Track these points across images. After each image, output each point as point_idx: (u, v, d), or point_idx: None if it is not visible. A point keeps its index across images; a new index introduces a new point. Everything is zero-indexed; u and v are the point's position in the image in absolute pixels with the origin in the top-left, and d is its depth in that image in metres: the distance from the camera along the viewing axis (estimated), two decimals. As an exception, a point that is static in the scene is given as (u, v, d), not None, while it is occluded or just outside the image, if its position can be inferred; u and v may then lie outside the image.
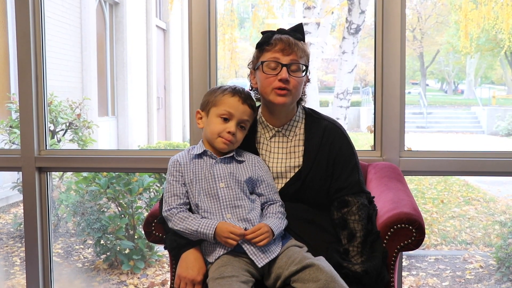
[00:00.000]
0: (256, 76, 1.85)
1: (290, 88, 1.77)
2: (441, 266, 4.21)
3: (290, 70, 1.77)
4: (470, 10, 5.91)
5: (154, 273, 3.91)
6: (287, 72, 1.76)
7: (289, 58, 1.77)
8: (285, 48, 1.77)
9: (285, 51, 1.77)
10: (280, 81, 1.76)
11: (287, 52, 1.77)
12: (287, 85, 1.76)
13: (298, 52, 1.78)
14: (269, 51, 1.79)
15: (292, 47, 1.77)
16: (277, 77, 1.76)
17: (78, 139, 4.61)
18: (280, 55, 1.77)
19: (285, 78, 1.75)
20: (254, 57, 1.86)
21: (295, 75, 1.78)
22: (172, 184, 1.77)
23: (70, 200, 4.08)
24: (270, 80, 1.77)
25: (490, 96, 11.71)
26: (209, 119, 1.80)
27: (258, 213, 1.75)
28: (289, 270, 1.62)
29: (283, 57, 1.77)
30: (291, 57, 1.77)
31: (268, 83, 1.78)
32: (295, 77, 1.78)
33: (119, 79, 8.32)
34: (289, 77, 1.76)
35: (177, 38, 10.61)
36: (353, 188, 1.81)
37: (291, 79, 1.77)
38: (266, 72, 1.78)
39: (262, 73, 1.79)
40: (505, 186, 6.35)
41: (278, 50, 1.77)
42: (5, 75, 6.02)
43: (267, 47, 1.79)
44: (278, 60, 1.77)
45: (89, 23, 7.39)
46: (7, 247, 4.55)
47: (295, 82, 1.78)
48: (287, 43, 1.77)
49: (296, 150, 1.87)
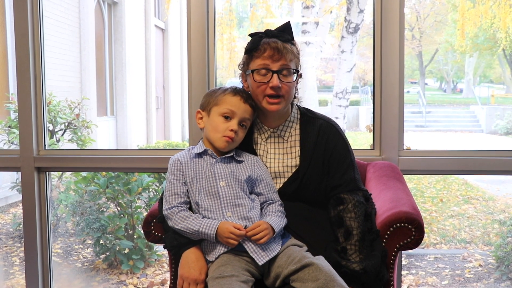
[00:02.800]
0: (248, 81, 1.84)
1: (283, 94, 1.77)
2: (441, 265, 4.22)
3: (281, 75, 1.76)
4: (467, 9, 5.91)
5: (153, 272, 3.91)
6: (278, 78, 1.75)
7: (279, 64, 1.76)
8: (274, 54, 1.75)
9: (274, 57, 1.75)
10: (271, 89, 1.75)
11: (276, 58, 1.75)
12: (279, 92, 1.76)
13: (287, 56, 1.76)
14: (258, 57, 1.77)
15: (281, 52, 1.75)
16: (268, 84, 1.75)
17: (77, 139, 4.61)
18: (270, 62, 1.76)
19: (276, 85, 1.75)
20: (244, 61, 1.85)
21: (286, 80, 1.77)
22: (172, 183, 1.77)
23: (69, 200, 4.08)
24: (261, 88, 1.77)
25: (489, 95, 11.73)
26: (211, 118, 1.80)
27: (258, 212, 1.75)
28: (288, 269, 1.62)
29: (272, 63, 1.76)
30: (280, 62, 1.76)
31: (260, 91, 1.78)
32: (286, 82, 1.77)
33: (118, 79, 8.31)
34: (280, 83, 1.75)
35: (176, 37, 10.61)
36: (348, 186, 1.81)
37: (282, 85, 1.76)
38: (257, 80, 1.77)
39: (253, 81, 1.78)
40: (504, 185, 6.36)
41: (267, 57, 1.76)
42: (4, 75, 6.02)
43: (255, 53, 1.78)
44: (268, 67, 1.76)
45: (87, 23, 7.39)
46: (6, 247, 4.54)
47: (287, 87, 1.78)
48: (276, 49, 1.75)
49: (293, 151, 1.88)
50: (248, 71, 1.81)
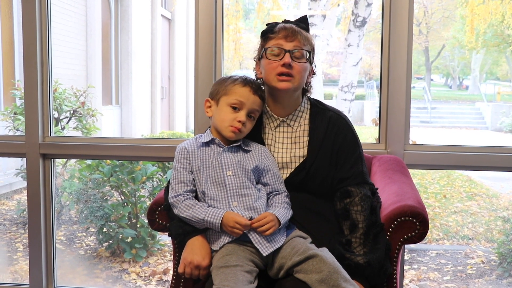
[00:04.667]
0: (261, 65, 1.86)
1: (294, 74, 1.78)
2: (443, 260, 4.22)
3: (294, 56, 1.78)
4: (477, 5, 5.88)
5: (156, 261, 3.92)
6: (290, 57, 1.77)
7: (293, 44, 1.79)
8: (288, 35, 1.79)
9: (288, 37, 1.79)
10: (283, 66, 1.77)
11: (290, 39, 1.79)
12: (290, 70, 1.77)
13: (301, 39, 1.80)
14: (273, 38, 1.81)
15: (296, 34, 1.79)
16: (280, 62, 1.77)
17: (82, 127, 4.61)
18: (284, 41, 1.79)
19: (288, 62, 1.76)
20: (259, 47, 1.88)
21: (298, 61, 1.79)
22: (179, 171, 1.77)
23: (73, 187, 4.09)
24: (273, 65, 1.79)
25: (495, 92, 11.67)
26: (219, 108, 1.80)
27: (264, 202, 1.75)
28: (292, 261, 1.62)
29: (286, 43, 1.79)
30: (294, 43, 1.79)
31: (271, 68, 1.79)
32: (298, 62, 1.79)
33: (124, 68, 8.32)
34: (292, 62, 1.77)
35: (182, 28, 10.58)
36: (356, 179, 1.81)
37: (294, 65, 1.78)
38: (270, 58, 1.80)
39: (266, 60, 1.81)
40: (508, 182, 6.35)
41: (282, 37, 1.80)
42: (10, 61, 6.03)
43: (271, 35, 1.82)
44: (282, 46, 1.79)
45: (94, 12, 7.38)
46: (10, 233, 4.57)
47: (299, 67, 1.79)
48: (291, 30, 1.80)
49: (301, 141, 1.87)
50: (262, 51, 1.83)
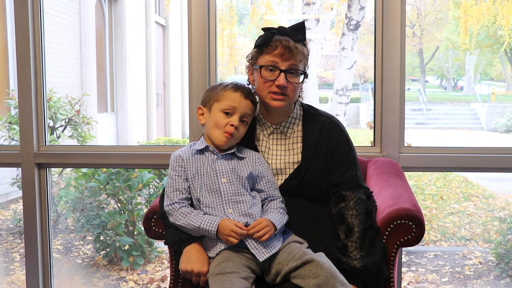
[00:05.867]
0: (254, 75, 1.84)
1: (288, 93, 1.77)
2: (441, 262, 4.22)
3: (289, 74, 1.76)
4: (470, 6, 5.91)
5: (153, 269, 3.91)
6: (285, 77, 1.75)
7: (288, 64, 1.76)
8: (284, 53, 1.75)
9: (285, 56, 1.75)
10: (277, 87, 1.75)
11: (286, 57, 1.75)
12: (284, 91, 1.76)
13: (297, 57, 1.76)
14: (268, 54, 1.77)
15: (292, 52, 1.75)
16: (274, 82, 1.75)
17: (78, 135, 4.60)
18: (279, 60, 1.75)
19: (282, 85, 1.75)
20: (253, 55, 1.84)
21: (292, 81, 1.77)
22: (174, 179, 1.77)
23: (70, 196, 4.08)
24: (267, 84, 1.77)
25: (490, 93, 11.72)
26: (212, 114, 1.80)
27: (259, 209, 1.75)
28: (289, 266, 1.62)
29: (282, 62, 1.75)
30: (290, 62, 1.76)
31: (266, 87, 1.78)
32: (292, 82, 1.77)
33: (119, 75, 8.31)
34: (286, 83, 1.75)
35: (176, 34, 10.59)
36: (350, 183, 1.81)
37: (288, 85, 1.76)
38: (264, 77, 1.77)
39: (260, 77, 1.78)
40: (504, 182, 6.36)
41: (277, 55, 1.75)
42: (4, 71, 6.01)
43: (266, 49, 1.77)
44: (277, 65, 1.76)
45: (88, 19, 7.38)
46: (6, 243, 4.55)
47: (292, 87, 1.78)
48: (287, 48, 1.75)
49: (295, 147, 1.87)
50: (256, 65, 1.80)
